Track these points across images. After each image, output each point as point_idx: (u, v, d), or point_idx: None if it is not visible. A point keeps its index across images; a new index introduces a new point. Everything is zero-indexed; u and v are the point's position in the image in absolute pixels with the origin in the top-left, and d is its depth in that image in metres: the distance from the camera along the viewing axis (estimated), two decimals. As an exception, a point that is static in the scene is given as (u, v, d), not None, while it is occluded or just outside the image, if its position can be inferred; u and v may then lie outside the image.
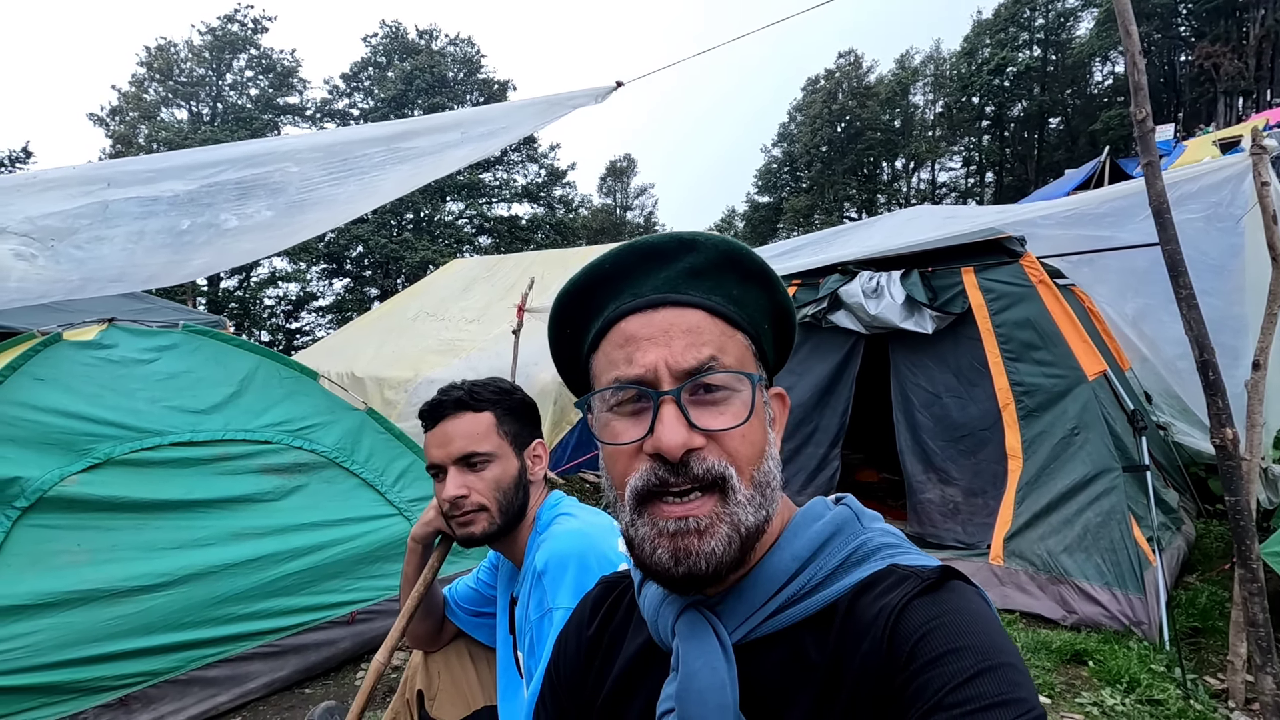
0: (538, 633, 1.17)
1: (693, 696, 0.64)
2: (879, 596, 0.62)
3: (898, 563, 0.65)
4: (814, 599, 0.65)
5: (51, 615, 2.25)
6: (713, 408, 0.65)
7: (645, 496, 0.65)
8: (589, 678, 0.82)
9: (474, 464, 1.31)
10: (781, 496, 0.70)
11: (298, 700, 2.62)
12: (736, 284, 0.70)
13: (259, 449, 2.96)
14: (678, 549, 0.63)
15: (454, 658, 1.64)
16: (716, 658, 0.65)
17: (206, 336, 3.19)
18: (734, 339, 0.68)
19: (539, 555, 1.22)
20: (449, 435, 1.32)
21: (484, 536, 1.31)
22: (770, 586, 0.66)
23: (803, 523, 0.69)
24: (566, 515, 1.33)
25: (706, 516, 0.63)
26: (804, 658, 0.64)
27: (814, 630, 0.64)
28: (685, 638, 0.67)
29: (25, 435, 2.47)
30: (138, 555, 2.48)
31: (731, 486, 0.63)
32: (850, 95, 39.02)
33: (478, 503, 1.30)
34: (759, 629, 0.66)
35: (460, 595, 1.63)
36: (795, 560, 0.66)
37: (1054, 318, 3.08)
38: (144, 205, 2.36)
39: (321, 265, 28.68)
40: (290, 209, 2.82)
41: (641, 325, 0.68)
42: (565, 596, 1.16)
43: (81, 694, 2.25)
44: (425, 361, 6.43)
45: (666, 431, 0.63)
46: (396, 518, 3.16)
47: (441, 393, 1.38)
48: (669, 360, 0.65)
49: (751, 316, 0.70)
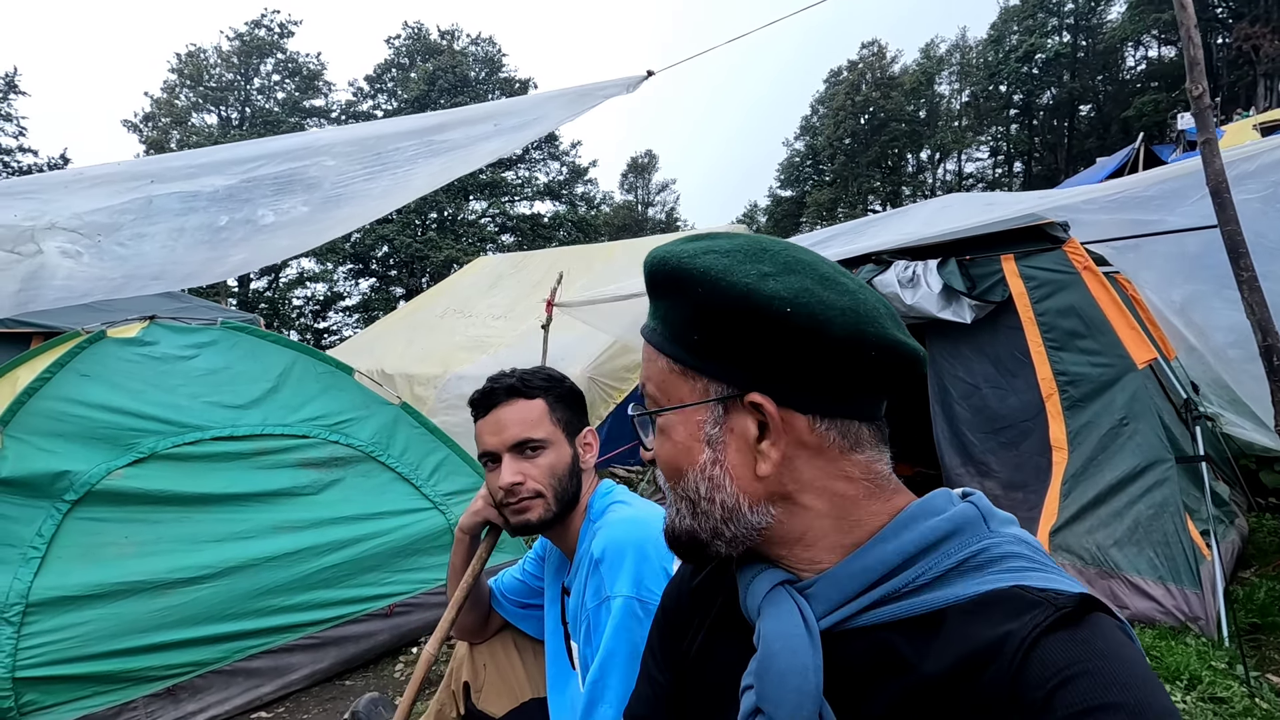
0: (595, 621, 1.15)
1: (772, 678, 0.63)
2: (1001, 620, 0.55)
3: (1026, 583, 0.57)
4: (915, 601, 0.60)
5: (101, 606, 2.30)
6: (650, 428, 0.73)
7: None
8: (690, 629, 0.81)
9: (528, 450, 1.30)
10: (894, 484, 0.68)
11: (338, 691, 2.64)
12: (661, 304, 0.69)
13: (297, 443, 2.99)
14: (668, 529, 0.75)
15: (500, 650, 1.63)
16: (800, 641, 0.63)
17: (244, 333, 3.23)
18: (658, 363, 0.70)
19: (596, 543, 1.20)
20: (503, 422, 1.31)
21: (540, 524, 1.30)
22: (867, 577, 0.63)
23: (917, 515, 0.64)
24: (621, 503, 1.32)
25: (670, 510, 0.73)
26: (895, 660, 0.60)
27: (911, 635, 0.60)
28: (769, 617, 0.66)
29: (73, 430, 2.53)
30: (182, 548, 2.52)
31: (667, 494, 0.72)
32: (874, 86, 38.50)
33: (534, 489, 1.29)
34: (852, 621, 0.63)
35: (507, 587, 1.62)
36: (899, 554, 0.61)
37: (1100, 305, 2.98)
38: (184, 201, 2.38)
39: (348, 265, 29.12)
40: (325, 204, 2.84)
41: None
42: (624, 584, 1.14)
43: (131, 683, 2.30)
44: (454, 358, 6.47)
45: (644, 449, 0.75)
46: (432, 511, 3.17)
47: (492, 380, 1.37)
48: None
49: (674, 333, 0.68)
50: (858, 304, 0.63)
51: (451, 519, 3.18)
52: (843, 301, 0.62)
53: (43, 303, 3.10)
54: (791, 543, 0.68)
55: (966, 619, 0.57)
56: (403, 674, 2.76)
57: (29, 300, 3.01)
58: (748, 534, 0.67)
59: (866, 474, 0.66)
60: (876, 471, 0.66)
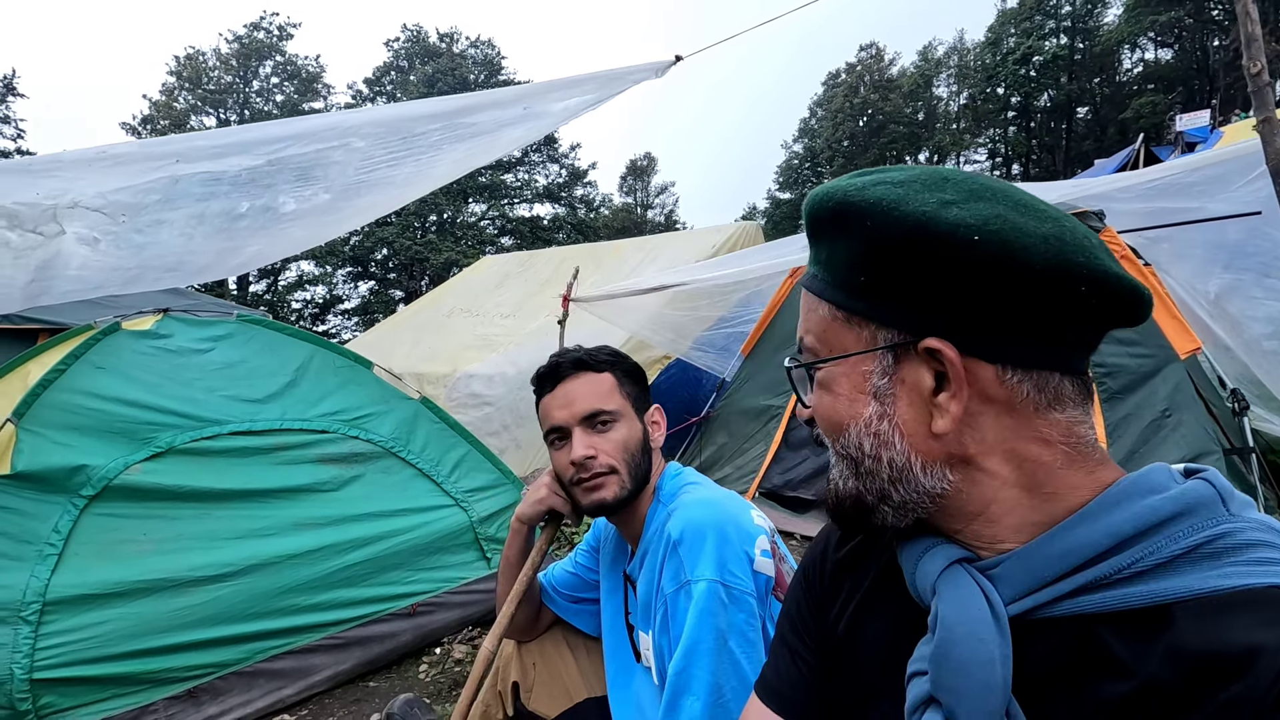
0: (673, 607, 1.08)
1: (952, 665, 0.55)
2: (1255, 625, 0.46)
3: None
4: (1132, 590, 0.51)
5: (120, 605, 2.21)
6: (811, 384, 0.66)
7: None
8: (836, 601, 0.75)
9: (600, 424, 1.23)
10: (1099, 453, 0.58)
11: (362, 693, 2.56)
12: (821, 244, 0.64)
13: (316, 438, 2.90)
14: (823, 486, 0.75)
15: (550, 648, 1.55)
16: (987, 628, 0.54)
17: (260, 325, 3.15)
18: (817, 312, 0.64)
19: (672, 524, 1.13)
20: (572, 395, 1.24)
21: (615, 502, 1.22)
22: (1068, 560, 0.54)
23: (1132, 492, 0.54)
24: (694, 484, 1.24)
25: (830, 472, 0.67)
26: (1102, 657, 0.52)
27: (1126, 630, 0.51)
28: (948, 599, 0.57)
29: (89, 423, 2.44)
30: (202, 545, 2.44)
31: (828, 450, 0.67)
32: (872, 89, 38.59)
33: (608, 464, 1.21)
34: (1046, 609, 0.55)
35: (558, 580, 1.55)
36: (1111, 536, 0.52)
37: (1139, 294, 2.92)
38: (206, 185, 2.31)
39: (347, 268, 29.03)
40: (347, 191, 2.77)
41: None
42: (705, 567, 1.06)
43: (151, 685, 2.21)
44: (462, 357, 6.39)
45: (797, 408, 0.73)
46: (454, 508, 3.09)
47: (556, 356, 1.30)
48: (799, 336, 0.70)
49: (837, 277, 0.62)
50: (1062, 231, 0.54)
51: (474, 516, 3.10)
52: (1044, 229, 0.54)
53: (53, 296, 3.02)
54: (971, 516, 0.59)
55: (1204, 618, 0.48)
56: (427, 675, 2.68)
57: (40, 293, 2.93)
58: (918, 500, 0.59)
59: (1066, 437, 0.56)
60: (1079, 436, 0.57)
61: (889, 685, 0.64)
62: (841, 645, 0.73)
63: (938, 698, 0.56)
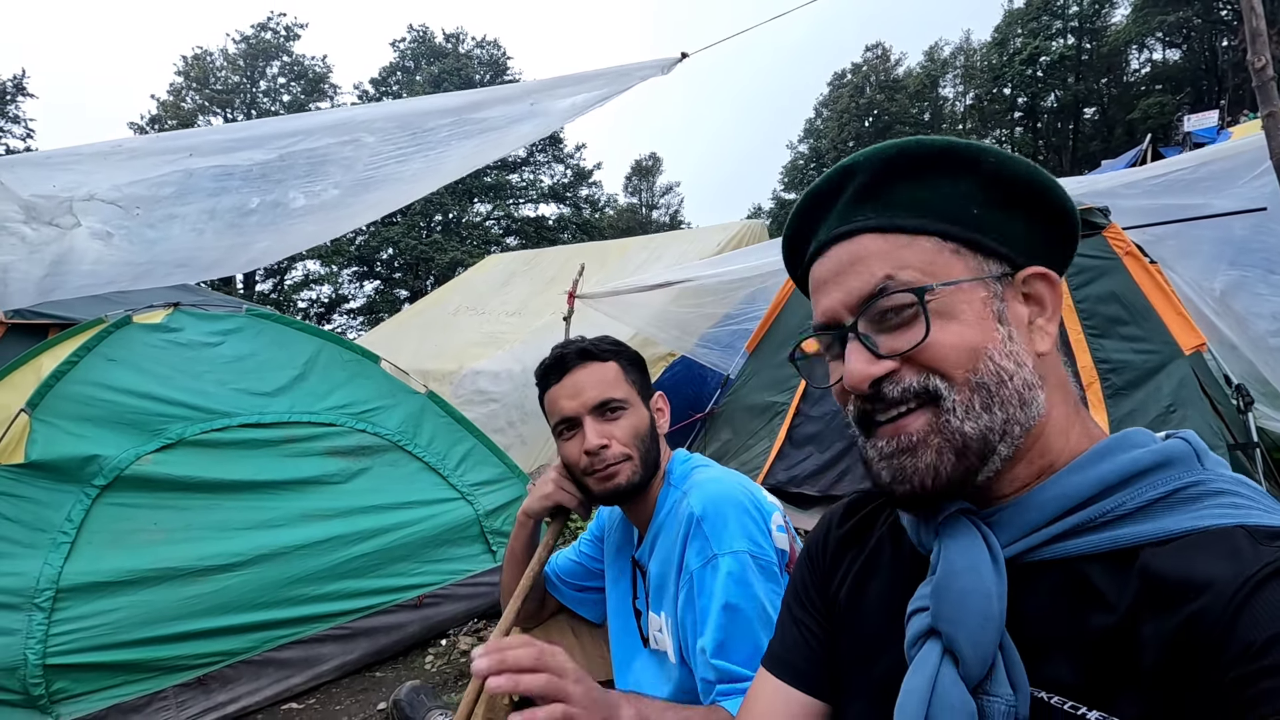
0: (699, 582, 1.10)
1: (951, 597, 0.59)
2: (1221, 557, 0.51)
3: (1252, 522, 0.52)
4: (1117, 532, 0.56)
5: (132, 593, 2.25)
6: (902, 328, 0.62)
7: (864, 424, 0.66)
8: (838, 573, 0.78)
9: (610, 412, 1.24)
10: (1080, 415, 0.65)
11: (369, 683, 2.59)
12: (912, 185, 0.65)
13: (324, 431, 2.93)
14: (895, 469, 0.63)
15: (556, 634, 1.57)
16: (983, 562, 0.59)
17: (269, 320, 3.19)
18: (914, 246, 0.63)
19: (693, 502, 1.15)
20: (580, 384, 1.25)
21: (629, 488, 1.23)
22: (1058, 506, 0.59)
23: (1116, 447, 0.60)
24: (705, 466, 1.27)
25: (917, 433, 0.61)
26: (1088, 594, 0.56)
27: (1110, 568, 0.56)
28: (948, 538, 0.62)
29: (101, 415, 2.48)
30: (211, 535, 2.47)
31: (940, 395, 0.60)
32: (878, 89, 38.52)
33: (621, 452, 1.23)
34: (1037, 551, 0.60)
35: (562, 569, 1.57)
36: (1097, 484, 0.58)
37: (1143, 290, 2.92)
38: (218, 180, 2.34)
39: (353, 268, 29.15)
40: (356, 187, 2.80)
41: (821, 270, 0.69)
42: (732, 540, 1.09)
43: (161, 673, 2.24)
44: (468, 354, 6.42)
45: (847, 369, 0.64)
46: (459, 502, 3.11)
47: (559, 347, 1.32)
48: (843, 298, 0.65)
49: (945, 210, 0.64)
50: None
51: (480, 510, 3.12)
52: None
53: (65, 291, 3.06)
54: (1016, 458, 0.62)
55: (1177, 554, 0.53)
56: (433, 665, 2.70)
57: (53, 288, 2.96)
58: (1021, 432, 0.61)
59: (1069, 384, 0.65)
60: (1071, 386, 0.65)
61: (892, 636, 0.67)
62: (844, 611, 0.76)
63: (937, 628, 0.60)
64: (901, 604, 0.67)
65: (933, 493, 0.62)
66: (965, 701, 0.57)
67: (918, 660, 0.61)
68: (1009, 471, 0.63)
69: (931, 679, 0.59)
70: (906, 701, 0.60)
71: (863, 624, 0.74)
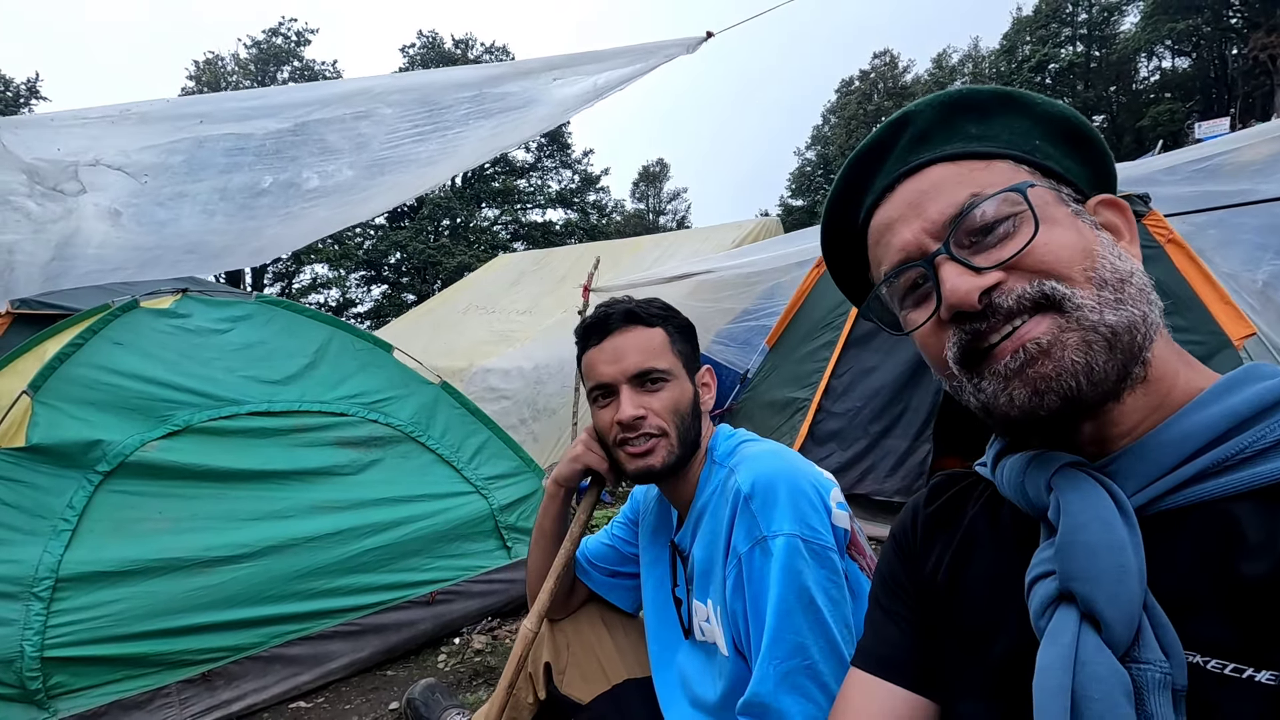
0: (748, 567, 0.99)
1: (1079, 550, 0.51)
2: None
3: None
4: (1260, 468, 0.50)
5: (135, 584, 2.15)
6: (998, 242, 0.57)
7: (972, 357, 0.58)
8: (931, 557, 0.70)
9: (650, 382, 1.14)
10: (1181, 353, 0.59)
11: (380, 681, 2.48)
12: (974, 122, 0.64)
13: (335, 421, 2.84)
14: (1031, 380, 0.54)
15: (585, 626, 1.46)
16: (1110, 513, 0.52)
17: (279, 307, 3.10)
18: (991, 169, 0.61)
19: (741, 478, 1.04)
20: (621, 349, 1.15)
21: (663, 469, 1.13)
22: (1187, 445, 0.52)
23: (1244, 379, 0.55)
24: (752, 441, 1.16)
25: (1047, 335, 0.54)
26: (1235, 539, 0.49)
27: (1258, 508, 0.49)
28: (1067, 490, 0.55)
29: (105, 399, 2.39)
30: (218, 525, 2.37)
31: (1062, 296, 0.54)
32: (886, 96, 38.49)
33: (657, 425, 1.12)
34: (1170, 498, 0.53)
35: (594, 554, 1.46)
36: (1229, 418, 0.52)
37: (1187, 279, 2.81)
38: (230, 155, 2.26)
39: (360, 272, 29.19)
40: (371, 168, 2.71)
41: (888, 211, 0.65)
42: (783, 521, 0.98)
43: (165, 667, 2.14)
44: (479, 351, 6.33)
45: (949, 287, 0.57)
46: (474, 495, 3.01)
47: (605, 306, 1.22)
48: (925, 226, 0.61)
49: (1011, 141, 0.63)
50: None
51: (494, 504, 3.02)
52: None
53: (71, 278, 2.98)
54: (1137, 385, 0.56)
55: None
56: (446, 664, 2.59)
57: (60, 273, 2.88)
58: (1149, 342, 0.55)
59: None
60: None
61: (1004, 616, 0.60)
62: (943, 595, 0.68)
63: (1070, 589, 0.52)
64: (1011, 580, 0.59)
65: (1087, 398, 0.53)
66: (1115, 670, 0.48)
67: (1051, 631, 0.52)
68: (1125, 405, 0.56)
69: (1071, 648, 0.50)
70: (1046, 679, 0.51)
71: (968, 608, 0.65)
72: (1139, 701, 0.47)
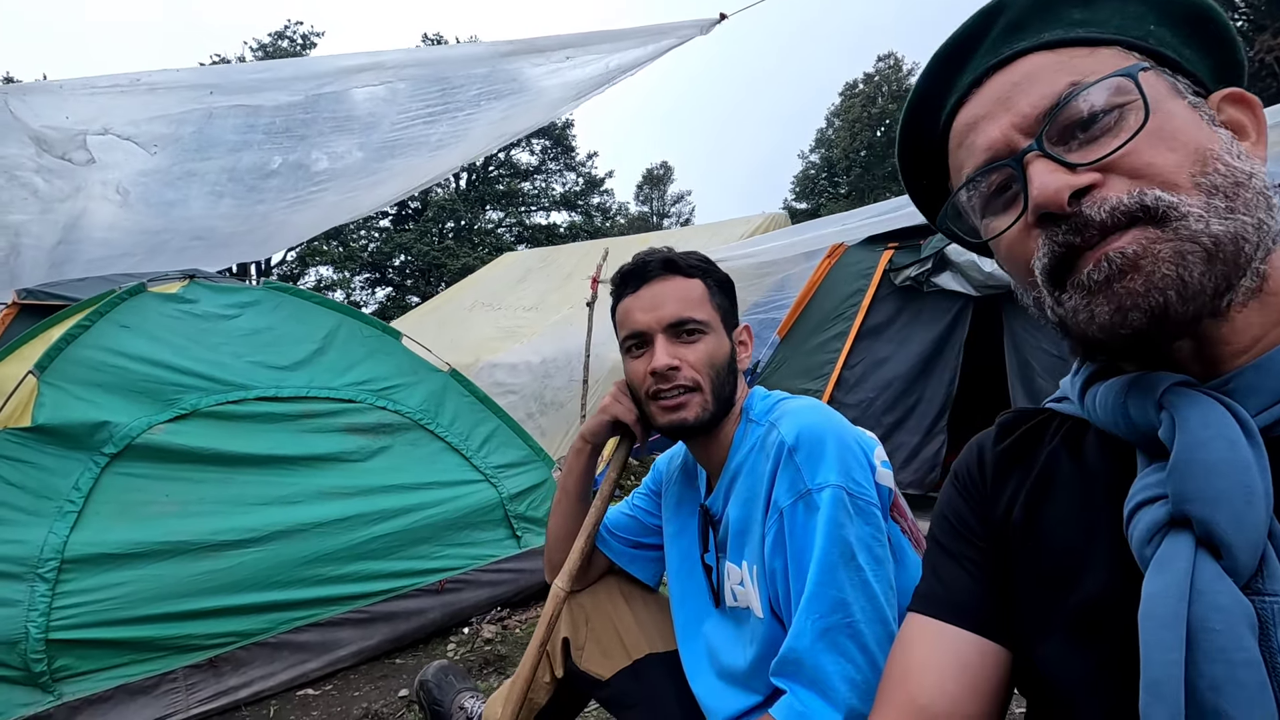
0: (790, 521, 0.94)
1: (1198, 470, 0.46)
2: None
3: None
4: None
5: (142, 566, 2.11)
6: (1099, 137, 0.51)
7: (1057, 267, 0.53)
8: (1004, 494, 0.64)
9: (686, 333, 1.10)
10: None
11: (389, 670, 2.44)
12: (1078, 6, 0.57)
13: (343, 407, 2.81)
14: (1116, 296, 0.49)
15: (605, 599, 1.41)
16: (1234, 432, 0.46)
17: (287, 293, 3.07)
18: (1095, 56, 0.55)
19: (785, 430, 1.00)
20: (659, 297, 1.11)
21: (696, 424, 1.08)
22: None
23: None
24: (791, 398, 1.12)
25: (1140, 245, 0.48)
26: None
27: None
28: (1183, 406, 0.49)
29: (112, 381, 2.36)
30: (226, 509, 2.34)
31: (1165, 207, 0.48)
32: (890, 98, 38.47)
33: (691, 378, 1.08)
34: None
35: (615, 523, 1.41)
36: None
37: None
38: (240, 133, 2.22)
39: (365, 274, 29.22)
40: (380, 151, 2.68)
41: (973, 109, 0.58)
42: (829, 472, 0.93)
43: (171, 652, 2.10)
44: (485, 347, 6.30)
45: (1038, 184, 0.51)
46: (483, 484, 2.97)
47: (642, 254, 1.18)
48: (1015, 121, 0.55)
49: (1121, 26, 0.56)
50: None
51: (504, 493, 2.98)
52: None
53: (79, 263, 2.95)
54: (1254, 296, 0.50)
55: None
56: (455, 653, 2.55)
57: (66, 258, 2.86)
58: (1265, 253, 0.49)
59: None
60: None
61: (1092, 553, 0.55)
62: (1020, 533, 0.63)
63: (1185, 513, 0.47)
64: (1100, 515, 0.55)
65: (1177, 315, 0.48)
66: (1239, 600, 0.44)
67: (1160, 558, 0.47)
68: (1236, 321, 0.51)
69: (1186, 576, 0.45)
70: (1156, 607, 0.46)
71: (1048, 547, 0.60)
72: (1263, 636, 0.43)
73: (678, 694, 1.21)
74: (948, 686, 0.61)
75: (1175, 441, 0.48)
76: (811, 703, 0.88)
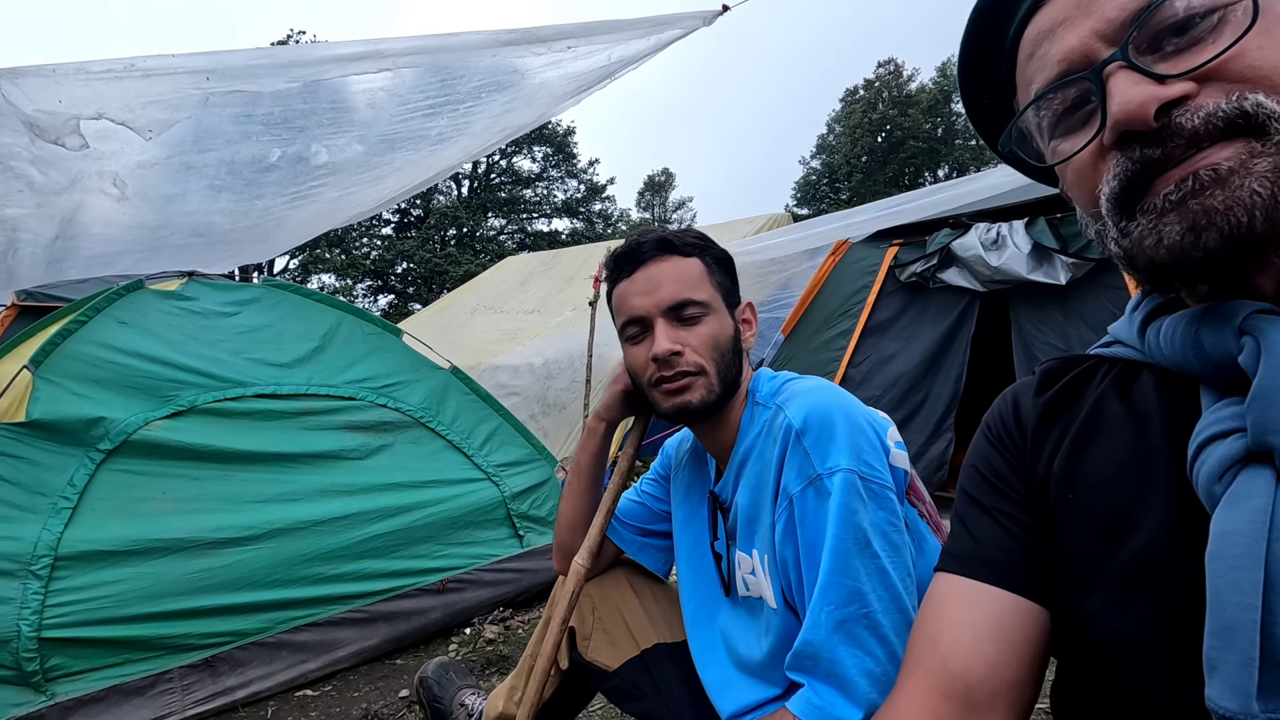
0: (800, 508, 0.90)
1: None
2: None
3: None
4: None
5: (137, 564, 2.07)
6: (1195, 44, 0.45)
7: (1128, 189, 0.47)
8: (1046, 446, 0.60)
9: (687, 316, 1.05)
10: None
11: (389, 670, 2.39)
12: None
13: (343, 405, 2.77)
14: (1191, 214, 0.44)
15: (612, 589, 1.36)
16: None
17: (287, 291, 3.04)
18: None
19: (792, 413, 0.95)
20: (656, 279, 1.07)
21: (701, 407, 1.04)
22: None
23: None
24: (798, 379, 1.07)
25: (1229, 160, 0.43)
26: None
27: None
28: (1270, 331, 0.44)
29: (109, 377, 2.33)
30: (224, 506, 2.30)
31: (1268, 114, 0.42)
32: (890, 105, 38.55)
33: (695, 362, 1.03)
34: None
35: (623, 511, 1.37)
36: None
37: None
38: (238, 123, 2.19)
39: (368, 281, 29.27)
40: (380, 144, 2.65)
41: (1047, 17, 0.52)
42: (840, 456, 0.89)
43: (168, 651, 2.06)
44: (488, 350, 6.27)
45: (1119, 100, 0.45)
46: (485, 483, 2.93)
47: (638, 234, 1.14)
48: (1097, 27, 0.48)
49: None
50: None
51: (506, 492, 2.94)
52: None
53: (77, 261, 2.92)
54: None
55: None
56: (457, 653, 2.50)
57: (64, 254, 2.83)
58: None
59: None
60: None
61: (1145, 502, 0.51)
62: (1062, 483, 0.58)
63: (1269, 444, 0.42)
64: (1155, 458, 0.51)
65: (1259, 236, 0.43)
66: None
67: (1233, 495, 0.43)
68: None
69: (1266, 513, 0.41)
70: (1229, 546, 0.41)
71: (1095, 494, 0.55)
72: None
73: (686, 684, 1.16)
74: (984, 650, 0.56)
75: (1260, 367, 0.44)
76: (830, 698, 0.84)
